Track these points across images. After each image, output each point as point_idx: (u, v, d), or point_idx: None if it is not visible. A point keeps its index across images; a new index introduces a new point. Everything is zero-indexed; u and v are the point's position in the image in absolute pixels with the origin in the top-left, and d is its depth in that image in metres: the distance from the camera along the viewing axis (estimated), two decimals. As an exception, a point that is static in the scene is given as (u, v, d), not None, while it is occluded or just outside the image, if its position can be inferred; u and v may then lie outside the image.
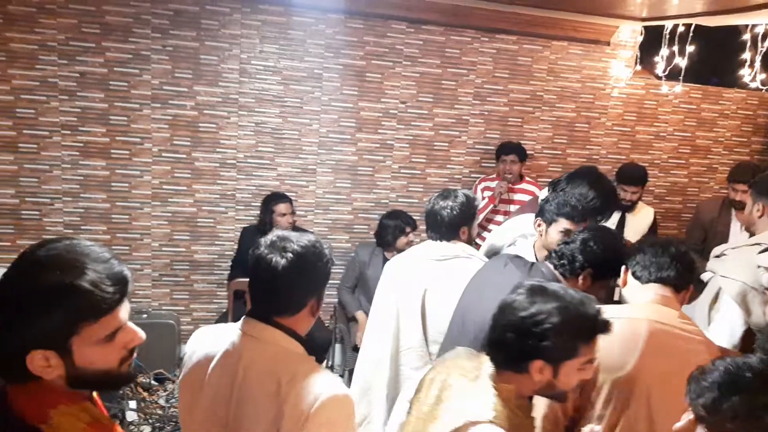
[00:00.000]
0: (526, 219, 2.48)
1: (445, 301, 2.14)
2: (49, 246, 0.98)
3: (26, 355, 0.92)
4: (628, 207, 3.60)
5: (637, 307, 1.62)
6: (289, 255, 1.27)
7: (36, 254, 0.97)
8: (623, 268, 1.74)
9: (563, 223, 2.14)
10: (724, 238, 3.47)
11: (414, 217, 3.71)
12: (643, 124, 4.41)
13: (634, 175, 3.61)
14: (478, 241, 3.93)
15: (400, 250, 3.34)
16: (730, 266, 2.29)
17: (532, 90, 4.19)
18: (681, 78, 3.80)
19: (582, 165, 3.64)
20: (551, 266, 1.89)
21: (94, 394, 1.10)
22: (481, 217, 3.83)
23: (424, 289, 2.25)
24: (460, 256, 2.24)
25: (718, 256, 2.45)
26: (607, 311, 1.49)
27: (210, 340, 1.39)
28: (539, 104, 4.23)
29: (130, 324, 1.04)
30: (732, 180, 3.51)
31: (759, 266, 2.17)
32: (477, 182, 4.07)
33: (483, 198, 3.88)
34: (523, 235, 2.48)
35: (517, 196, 3.85)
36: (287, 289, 1.28)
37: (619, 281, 1.74)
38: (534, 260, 2.14)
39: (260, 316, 1.31)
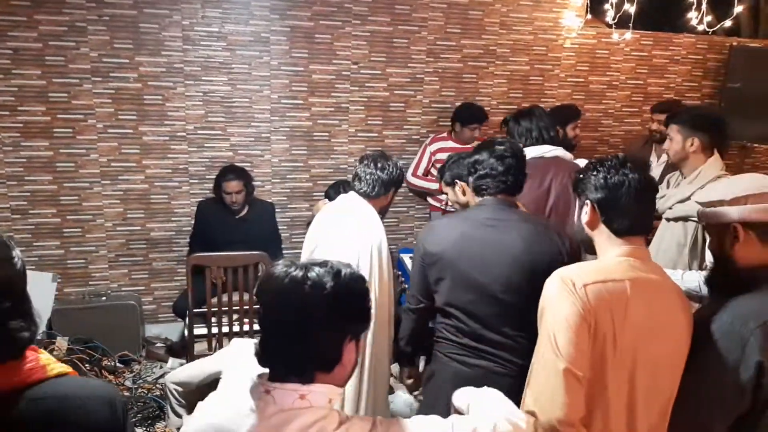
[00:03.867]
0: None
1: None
2: None
3: None
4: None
5: (615, 266, 1.42)
6: None
7: None
8: (588, 204, 1.47)
9: None
10: None
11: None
12: (596, 74, 4.42)
13: (576, 111, 3.84)
14: (431, 201, 3.99)
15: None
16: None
17: (484, 45, 4.14)
18: (630, 25, 3.81)
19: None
20: (489, 198, 1.93)
21: None
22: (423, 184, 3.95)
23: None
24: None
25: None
26: (586, 270, 1.40)
27: None
28: (493, 59, 4.18)
29: None
30: (654, 111, 3.80)
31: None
32: (427, 142, 3.99)
33: (431, 162, 3.88)
34: None
35: None
36: None
37: (584, 221, 1.49)
38: None
39: None
